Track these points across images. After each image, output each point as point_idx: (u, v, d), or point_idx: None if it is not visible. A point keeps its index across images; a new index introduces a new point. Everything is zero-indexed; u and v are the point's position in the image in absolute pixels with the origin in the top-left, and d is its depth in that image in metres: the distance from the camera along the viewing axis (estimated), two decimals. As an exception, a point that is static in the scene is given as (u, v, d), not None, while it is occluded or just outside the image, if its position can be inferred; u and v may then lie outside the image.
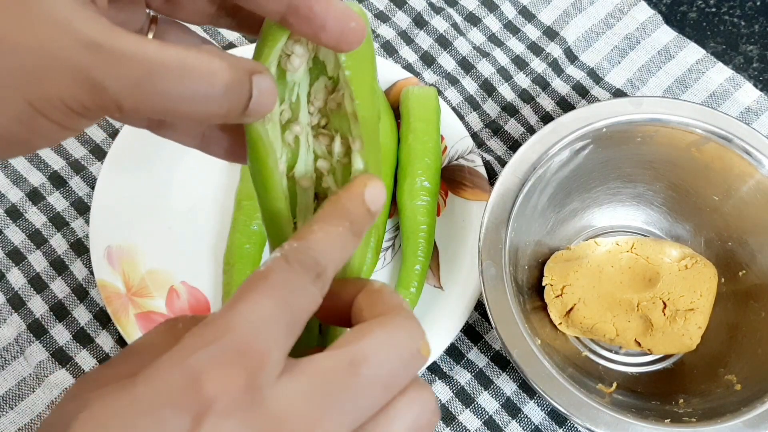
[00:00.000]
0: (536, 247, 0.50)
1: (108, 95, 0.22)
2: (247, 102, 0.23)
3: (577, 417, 0.41)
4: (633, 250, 0.49)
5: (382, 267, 0.52)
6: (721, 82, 0.57)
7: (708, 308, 0.48)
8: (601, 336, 0.48)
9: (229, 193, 0.53)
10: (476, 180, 0.52)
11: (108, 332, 0.50)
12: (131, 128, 0.52)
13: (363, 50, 0.25)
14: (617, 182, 0.51)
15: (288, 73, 0.27)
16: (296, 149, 0.28)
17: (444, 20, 0.58)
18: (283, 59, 0.26)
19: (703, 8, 0.60)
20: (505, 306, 0.43)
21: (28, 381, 0.48)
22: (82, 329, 0.50)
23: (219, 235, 0.52)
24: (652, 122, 0.47)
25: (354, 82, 0.26)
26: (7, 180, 0.53)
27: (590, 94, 0.57)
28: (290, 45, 0.26)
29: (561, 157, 0.47)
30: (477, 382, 0.49)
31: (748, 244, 0.49)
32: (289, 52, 0.26)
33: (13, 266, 0.51)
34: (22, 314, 0.50)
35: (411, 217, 0.50)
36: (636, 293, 0.48)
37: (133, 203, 0.51)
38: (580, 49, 0.58)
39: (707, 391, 0.46)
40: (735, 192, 0.48)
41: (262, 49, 0.26)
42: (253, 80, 0.23)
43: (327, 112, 0.28)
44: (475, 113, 0.56)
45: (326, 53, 0.27)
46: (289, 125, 0.28)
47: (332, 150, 0.28)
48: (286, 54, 0.26)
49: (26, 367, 0.49)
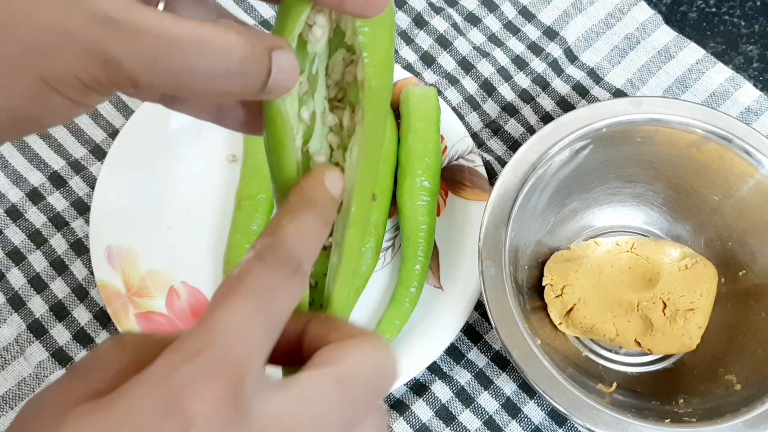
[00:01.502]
0: (536, 247, 0.50)
1: (123, 71, 0.21)
2: (266, 79, 0.23)
3: (577, 417, 0.41)
4: (633, 250, 0.49)
5: (382, 267, 0.52)
6: (721, 82, 0.56)
7: (708, 308, 0.48)
8: (601, 336, 0.48)
9: (229, 193, 0.53)
10: (476, 180, 0.52)
11: (108, 332, 0.50)
12: (131, 128, 0.52)
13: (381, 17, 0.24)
14: (617, 182, 0.51)
15: (309, 44, 0.26)
16: (312, 123, 0.27)
17: (444, 20, 0.58)
18: (305, 30, 0.25)
19: (703, 8, 0.60)
20: (505, 306, 0.43)
21: (28, 381, 0.48)
22: (82, 329, 0.50)
23: (219, 235, 0.52)
24: (652, 122, 0.47)
25: (368, 47, 0.25)
26: (7, 180, 0.53)
27: (590, 94, 0.57)
28: (313, 15, 0.25)
29: (561, 157, 0.47)
30: (477, 382, 0.49)
31: (748, 244, 0.49)
32: (311, 23, 0.25)
33: (13, 266, 0.51)
34: (22, 314, 0.50)
35: (411, 217, 0.50)
36: (636, 293, 0.48)
37: (133, 203, 0.51)
38: (580, 49, 0.58)
39: (707, 391, 0.46)
40: (735, 192, 0.48)
41: (284, 22, 0.25)
42: (272, 56, 0.23)
43: (344, 85, 0.27)
44: (475, 113, 0.56)
45: (347, 21, 0.26)
46: (306, 99, 0.27)
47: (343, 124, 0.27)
48: (308, 25, 0.25)
49: (26, 367, 0.49)
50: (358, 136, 0.26)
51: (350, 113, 0.27)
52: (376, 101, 0.26)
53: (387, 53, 0.26)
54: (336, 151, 0.27)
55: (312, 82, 0.27)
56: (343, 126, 0.27)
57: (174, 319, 0.49)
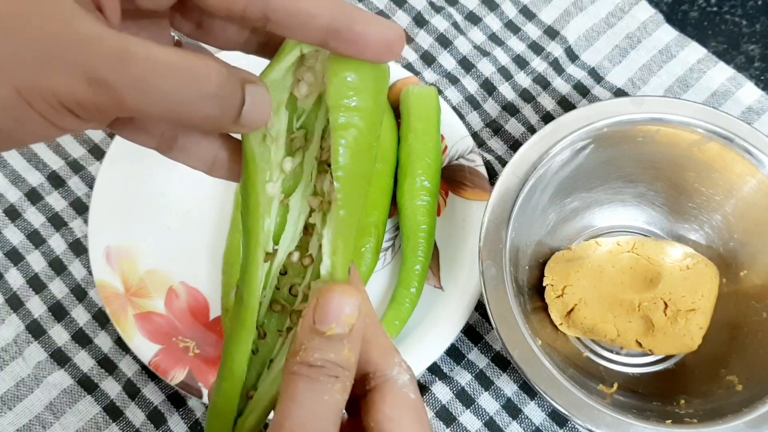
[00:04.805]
0: (537, 247, 0.49)
1: (110, 92, 0.21)
2: (240, 108, 0.24)
3: (578, 418, 0.41)
4: (634, 250, 0.49)
5: (382, 267, 0.52)
6: (723, 82, 0.56)
7: (709, 309, 0.48)
8: (602, 336, 0.48)
9: (228, 193, 0.53)
10: (476, 180, 0.52)
11: (107, 333, 0.50)
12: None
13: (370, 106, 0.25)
14: (618, 182, 0.51)
15: (298, 101, 0.27)
16: (298, 178, 0.28)
17: (444, 19, 0.58)
18: (294, 85, 0.27)
19: (705, 7, 0.60)
20: (505, 306, 0.43)
21: (27, 382, 0.48)
22: (81, 330, 0.50)
23: (218, 236, 0.52)
24: (653, 122, 0.47)
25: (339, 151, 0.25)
26: (5, 180, 0.52)
27: (591, 94, 0.57)
28: (302, 71, 0.26)
29: (562, 156, 0.47)
30: (477, 382, 0.49)
31: (749, 244, 0.48)
32: (300, 78, 0.26)
33: (12, 266, 0.51)
34: (21, 315, 0.50)
35: (411, 217, 0.50)
36: (637, 293, 0.47)
37: (132, 203, 0.51)
38: (580, 48, 0.58)
39: (708, 391, 0.46)
40: (736, 192, 0.48)
41: (271, 66, 0.26)
42: (245, 88, 0.24)
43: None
44: (475, 113, 0.56)
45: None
46: (295, 153, 0.28)
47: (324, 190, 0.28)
48: (297, 80, 0.27)
49: (25, 367, 0.49)
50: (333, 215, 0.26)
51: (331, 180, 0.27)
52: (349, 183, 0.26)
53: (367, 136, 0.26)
54: (316, 213, 0.28)
55: (307, 140, 0.28)
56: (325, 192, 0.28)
57: (173, 320, 0.49)
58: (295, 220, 0.28)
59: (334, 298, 0.25)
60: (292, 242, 0.28)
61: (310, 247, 0.28)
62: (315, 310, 0.24)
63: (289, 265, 0.28)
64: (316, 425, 0.23)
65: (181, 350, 0.47)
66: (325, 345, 0.24)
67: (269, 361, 0.28)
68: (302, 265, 0.28)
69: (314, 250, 0.28)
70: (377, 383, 0.26)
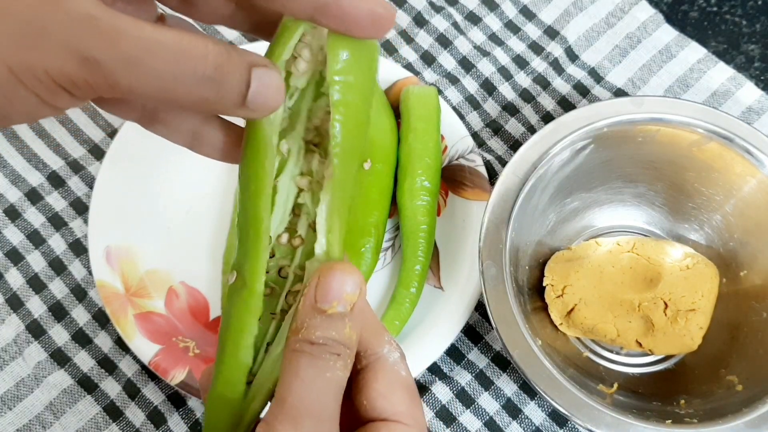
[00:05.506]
0: (537, 247, 0.49)
1: (102, 71, 0.21)
2: (244, 92, 0.23)
3: (578, 418, 0.41)
4: (634, 250, 0.49)
5: (382, 267, 0.52)
6: (723, 82, 0.56)
7: (709, 308, 0.48)
8: (602, 336, 0.48)
9: (228, 193, 0.53)
10: (477, 180, 0.52)
11: (107, 333, 0.50)
12: (130, 128, 0.51)
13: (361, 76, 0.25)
14: (618, 182, 0.51)
15: (292, 77, 0.26)
16: (285, 161, 0.27)
17: (444, 19, 0.58)
18: (290, 62, 0.26)
19: (705, 7, 0.60)
20: (505, 306, 0.43)
21: (27, 382, 0.48)
22: (81, 330, 0.50)
23: (218, 236, 0.51)
24: (653, 122, 0.47)
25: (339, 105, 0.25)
26: (5, 180, 0.52)
27: (591, 94, 0.57)
28: (300, 48, 0.26)
29: (562, 156, 0.47)
30: (477, 382, 0.49)
31: (749, 244, 0.48)
32: (297, 55, 0.26)
33: (12, 266, 0.51)
34: (21, 315, 0.50)
35: (411, 217, 0.50)
36: (637, 293, 0.47)
37: (132, 203, 0.51)
38: (580, 48, 0.58)
39: (708, 391, 0.46)
40: (736, 192, 0.48)
41: (275, 47, 0.25)
42: (252, 71, 0.23)
43: (322, 132, 0.28)
44: (475, 113, 0.56)
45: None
46: (285, 134, 0.27)
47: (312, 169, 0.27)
48: (294, 57, 0.26)
49: (25, 367, 0.48)
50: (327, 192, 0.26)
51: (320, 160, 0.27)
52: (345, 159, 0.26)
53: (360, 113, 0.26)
54: (305, 192, 0.28)
55: (293, 120, 0.27)
56: (313, 171, 0.27)
57: (173, 320, 0.49)
58: (284, 201, 0.28)
59: (335, 277, 0.24)
60: (281, 224, 0.28)
61: (299, 227, 0.28)
62: (316, 288, 0.24)
63: (277, 248, 0.28)
64: (319, 401, 0.24)
65: (181, 350, 0.47)
66: (327, 323, 0.24)
67: (266, 344, 0.27)
68: (291, 246, 0.28)
69: (303, 231, 0.28)
70: (369, 362, 0.26)
